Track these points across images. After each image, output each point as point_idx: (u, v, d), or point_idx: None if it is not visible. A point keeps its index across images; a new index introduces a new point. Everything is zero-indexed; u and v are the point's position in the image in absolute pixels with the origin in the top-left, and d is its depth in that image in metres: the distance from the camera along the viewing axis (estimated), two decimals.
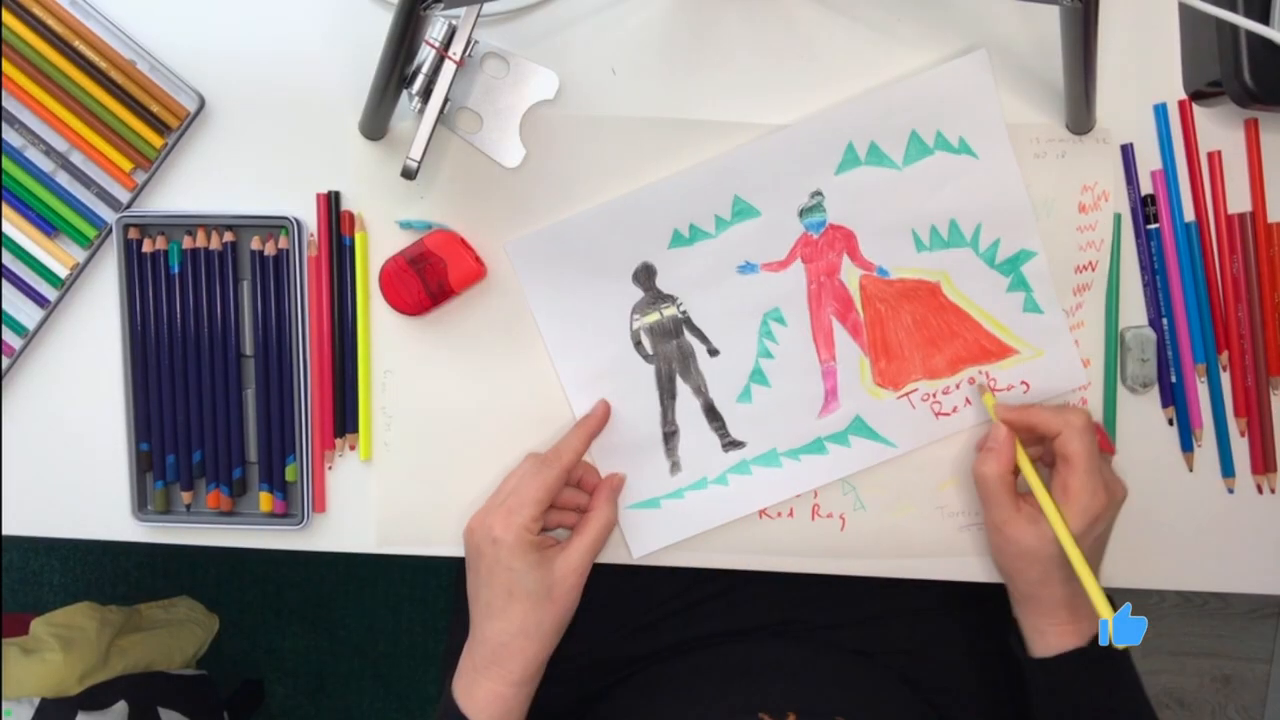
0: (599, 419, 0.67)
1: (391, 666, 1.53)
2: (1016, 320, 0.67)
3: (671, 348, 0.67)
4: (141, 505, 0.69)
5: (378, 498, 0.69)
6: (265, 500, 0.69)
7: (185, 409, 0.68)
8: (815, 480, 0.68)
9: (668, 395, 0.68)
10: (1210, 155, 0.65)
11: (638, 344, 0.67)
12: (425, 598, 1.52)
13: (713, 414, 0.68)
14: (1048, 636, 0.63)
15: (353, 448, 0.69)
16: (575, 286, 0.66)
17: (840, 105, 0.64)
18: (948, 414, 0.68)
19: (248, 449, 0.69)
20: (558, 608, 0.63)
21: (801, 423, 0.68)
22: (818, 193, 0.65)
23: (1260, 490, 0.68)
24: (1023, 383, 0.67)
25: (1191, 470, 0.68)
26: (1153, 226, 0.65)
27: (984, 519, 0.65)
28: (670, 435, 0.68)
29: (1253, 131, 0.65)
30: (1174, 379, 0.67)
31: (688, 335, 0.67)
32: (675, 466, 0.68)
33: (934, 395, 0.68)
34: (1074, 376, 0.67)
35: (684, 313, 0.67)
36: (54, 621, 1.17)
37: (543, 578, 0.63)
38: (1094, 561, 0.62)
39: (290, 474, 0.68)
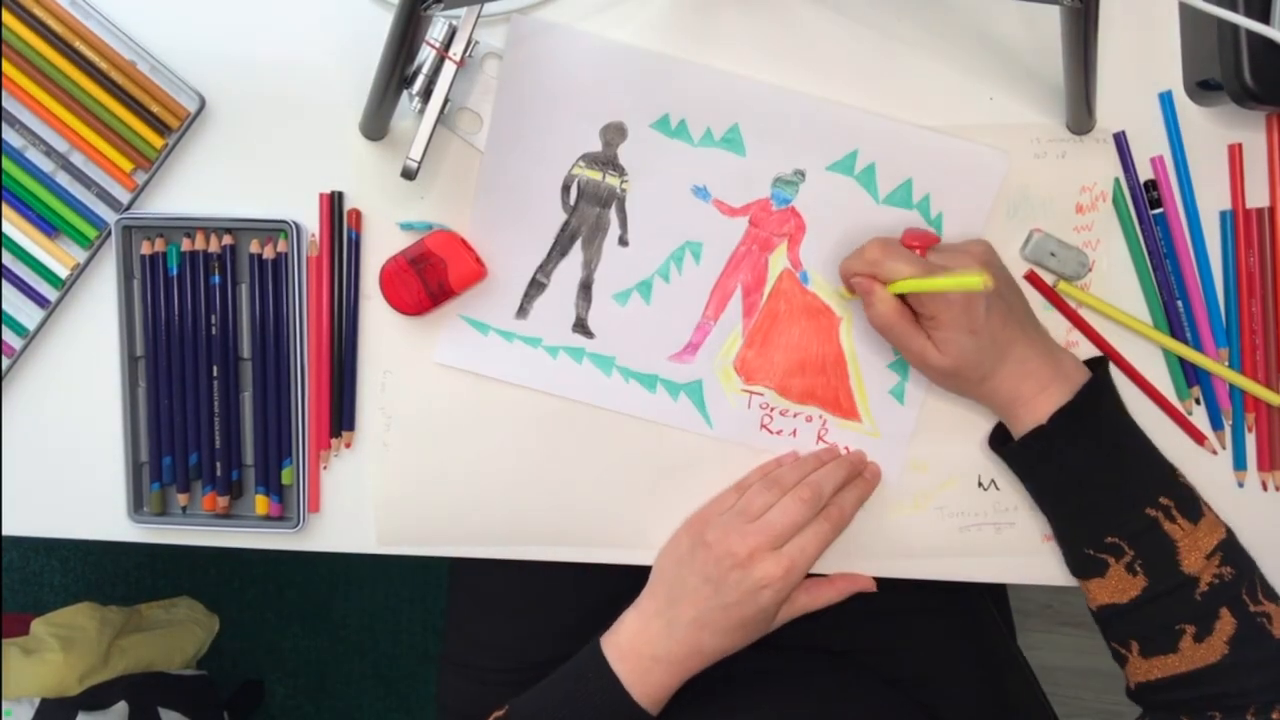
0: (873, 483, 0.67)
1: (391, 666, 1.53)
2: (877, 395, 0.67)
3: (592, 213, 0.66)
4: (138, 507, 0.69)
5: (377, 498, 0.69)
6: (261, 503, 0.69)
7: (182, 411, 0.68)
8: (627, 407, 0.68)
9: (559, 251, 0.67)
10: (1231, 148, 0.65)
11: (565, 189, 0.66)
12: (425, 598, 1.52)
13: (585, 292, 0.67)
14: (1024, 420, 0.62)
15: (348, 445, 0.69)
16: (548, 97, 0.65)
17: (872, 113, 0.64)
18: (771, 432, 0.68)
19: (244, 452, 0.69)
20: (756, 639, 0.64)
21: (651, 352, 0.68)
22: (800, 172, 0.65)
23: (1265, 488, 0.68)
24: (845, 448, 0.68)
25: (1224, 448, 0.67)
26: (1157, 212, 0.65)
27: (909, 360, 0.63)
28: (537, 284, 0.67)
29: (1275, 127, 0.65)
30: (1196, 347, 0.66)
31: (612, 212, 0.66)
32: (523, 312, 0.67)
33: (771, 409, 0.68)
34: (889, 472, 0.68)
35: (624, 190, 0.66)
36: (54, 621, 1.17)
37: (769, 621, 0.63)
38: (1018, 327, 0.61)
39: (286, 477, 0.68)
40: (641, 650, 0.62)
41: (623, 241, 0.66)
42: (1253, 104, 0.60)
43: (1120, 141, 0.65)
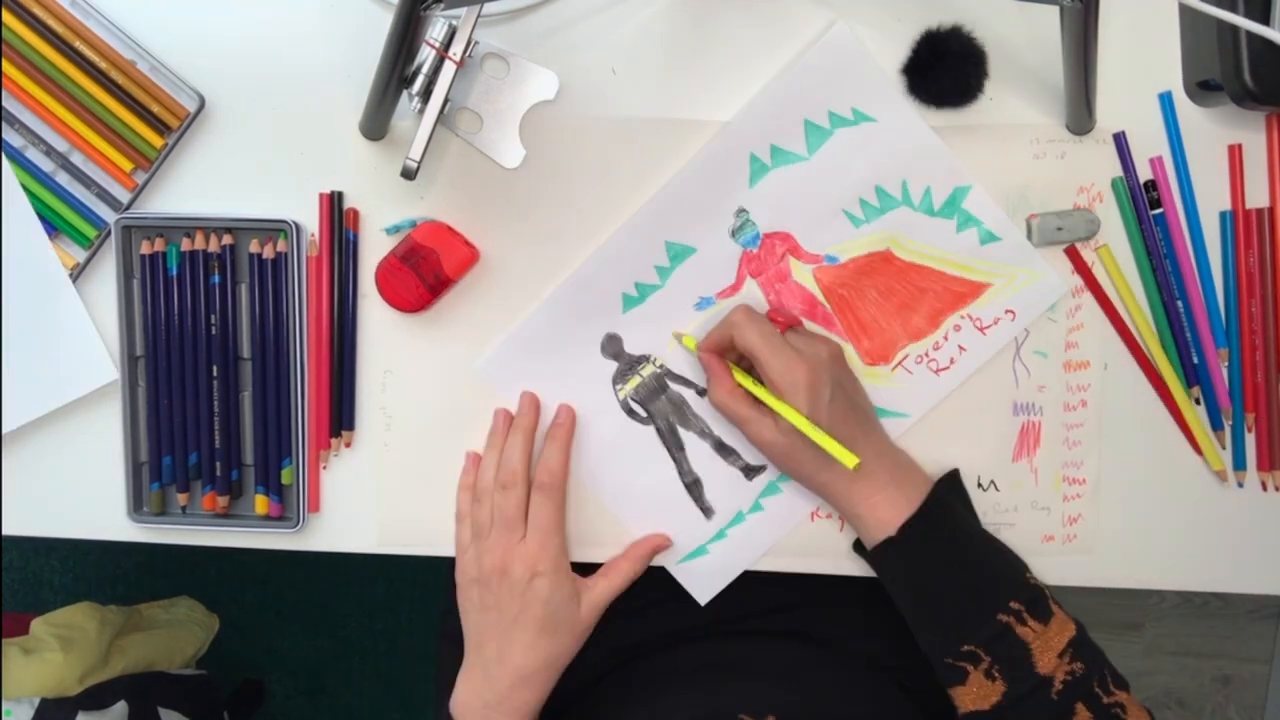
0: (568, 426, 0.67)
1: (391, 666, 1.53)
2: (978, 254, 0.66)
3: (663, 403, 0.68)
4: (137, 507, 0.69)
5: (377, 498, 0.69)
6: (261, 503, 0.69)
7: (182, 411, 0.68)
8: None
9: (676, 448, 0.68)
10: (1231, 148, 0.65)
11: (630, 412, 0.68)
12: (425, 598, 1.52)
13: (724, 449, 0.68)
14: (865, 520, 0.63)
15: (349, 445, 0.69)
16: (554, 382, 0.67)
17: (728, 124, 0.65)
18: (946, 368, 0.68)
19: (244, 452, 0.69)
20: (577, 645, 0.65)
21: None
22: (741, 210, 0.66)
23: (1265, 488, 0.68)
24: (1007, 311, 0.67)
25: (1224, 448, 0.68)
26: (1156, 212, 0.65)
27: (749, 439, 0.64)
28: (693, 485, 0.68)
29: (1274, 128, 0.65)
30: (1195, 360, 0.67)
31: (674, 386, 0.68)
32: (708, 512, 0.69)
33: (926, 355, 0.68)
34: (1054, 287, 0.66)
35: (661, 367, 0.67)
36: (54, 621, 1.17)
37: (573, 613, 0.64)
38: (852, 418, 0.62)
39: (286, 477, 0.68)
40: (473, 703, 0.65)
41: (701, 393, 0.68)
42: (1253, 104, 0.60)
43: (1123, 141, 0.65)
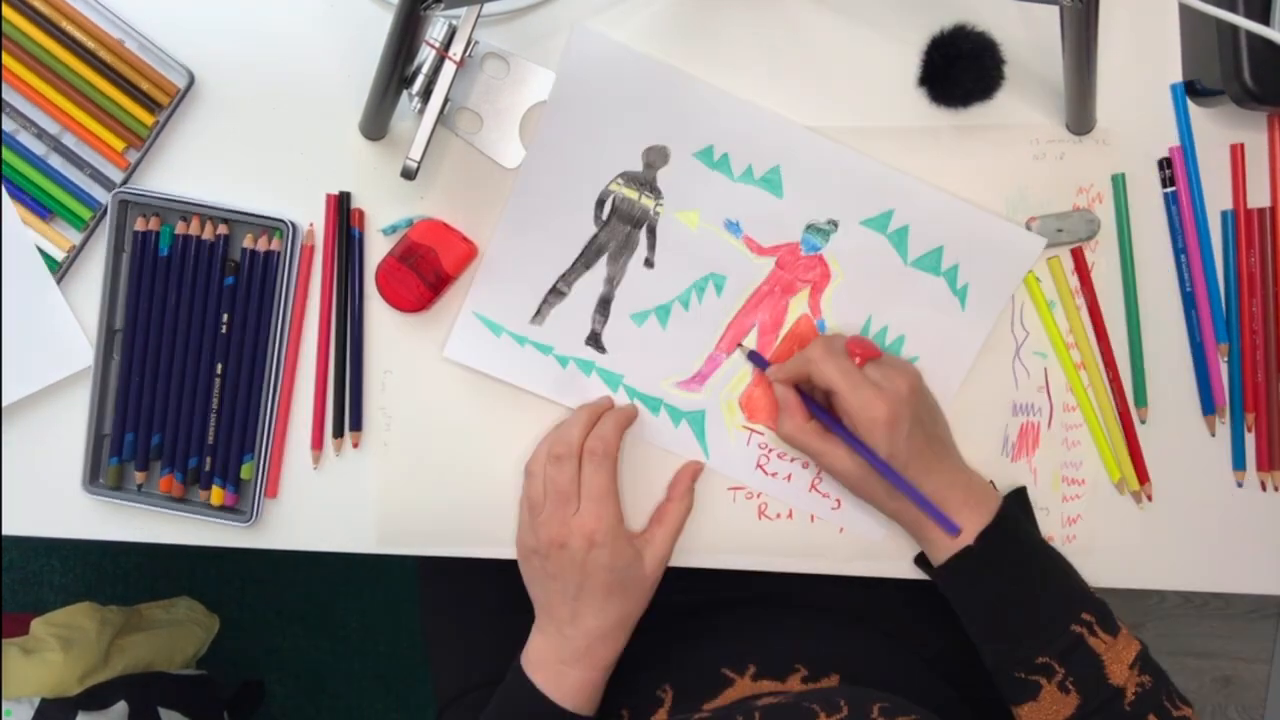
0: (631, 410, 0.67)
1: (391, 666, 1.53)
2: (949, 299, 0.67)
3: (622, 230, 0.66)
4: (93, 478, 0.69)
5: (378, 497, 0.69)
6: (216, 494, 0.69)
7: (152, 391, 0.68)
8: None
9: (584, 262, 0.67)
10: (1234, 148, 0.65)
11: (600, 203, 0.66)
12: None
13: (604, 308, 0.67)
14: (936, 542, 0.63)
15: (355, 445, 0.69)
16: (597, 109, 0.64)
17: (911, 176, 0.65)
18: (767, 473, 0.69)
19: (208, 441, 0.69)
20: (648, 598, 0.66)
21: (659, 376, 0.68)
22: (834, 222, 0.65)
23: (1264, 488, 0.68)
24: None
25: (1213, 435, 0.68)
26: (1169, 190, 0.65)
27: (821, 467, 0.65)
28: (557, 292, 0.67)
29: (1275, 128, 0.65)
30: (1194, 343, 0.67)
31: (643, 233, 0.66)
32: (539, 317, 0.67)
33: (769, 450, 0.68)
34: (1030, 249, 0.65)
35: (658, 213, 0.66)
36: (54, 621, 1.17)
37: (638, 572, 0.64)
38: (929, 452, 0.62)
39: (246, 472, 0.68)
40: (548, 659, 0.65)
41: (648, 263, 0.67)
42: (1253, 104, 0.60)
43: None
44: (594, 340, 0.67)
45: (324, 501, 0.69)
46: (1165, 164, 0.65)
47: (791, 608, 0.74)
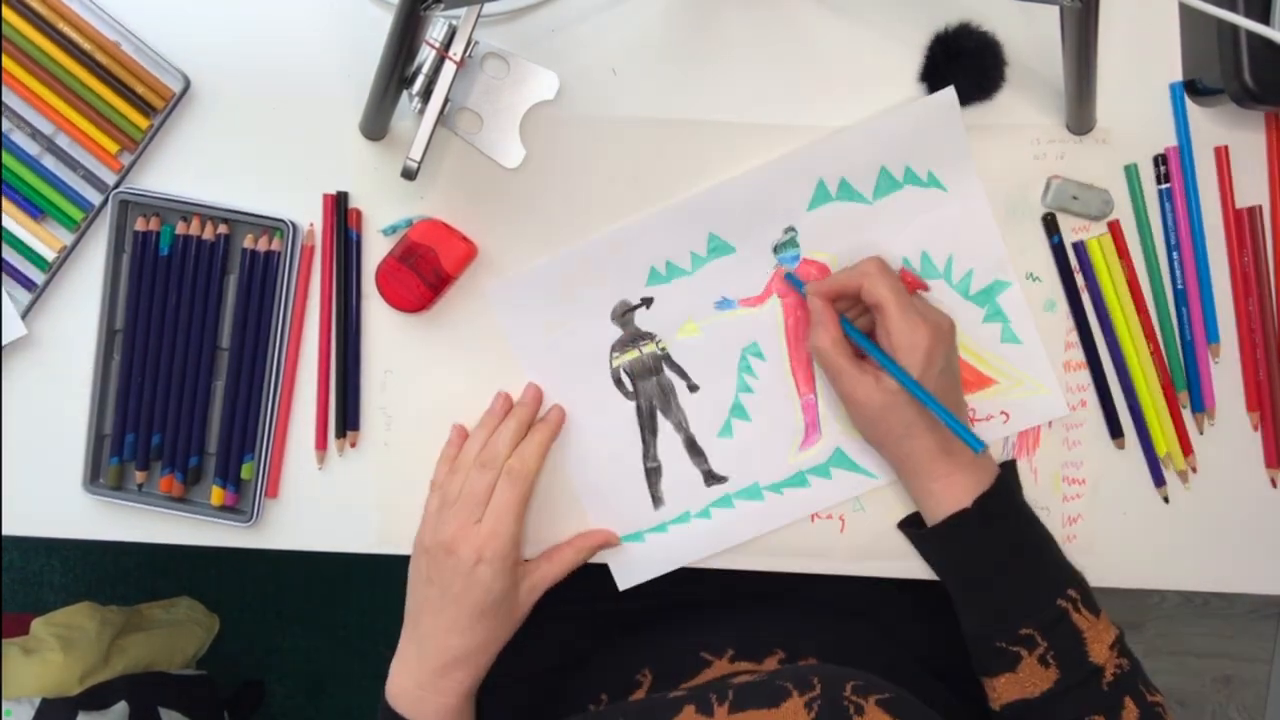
0: (555, 425, 0.67)
1: None
2: (994, 351, 0.67)
3: (652, 385, 0.67)
4: (94, 478, 0.69)
5: (378, 498, 0.69)
6: (216, 494, 0.69)
7: (152, 390, 0.68)
8: (797, 513, 0.68)
9: (649, 431, 0.68)
10: (1218, 150, 0.65)
11: (618, 382, 0.67)
12: None
13: (694, 449, 0.68)
14: (937, 496, 0.63)
15: (354, 445, 0.69)
16: (556, 326, 0.67)
17: (810, 145, 0.64)
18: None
19: (208, 440, 0.69)
20: (514, 625, 0.65)
21: (783, 456, 0.68)
22: (791, 228, 0.66)
23: (1275, 484, 0.68)
24: (1002, 412, 0.67)
25: (1202, 433, 0.68)
26: (1164, 186, 0.65)
27: (837, 395, 0.64)
28: (653, 471, 0.68)
29: (1273, 127, 0.65)
30: (1184, 339, 0.67)
31: (668, 372, 0.67)
32: (658, 501, 0.68)
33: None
34: (1053, 407, 0.67)
35: (663, 350, 0.67)
36: (54, 621, 1.17)
37: (513, 597, 0.64)
38: (951, 397, 0.62)
39: (246, 472, 0.68)
40: (406, 685, 0.65)
41: (692, 388, 0.67)
42: (1252, 104, 0.60)
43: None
44: (711, 478, 0.68)
45: (324, 501, 0.70)
46: (1160, 160, 0.65)
47: (781, 602, 0.75)
